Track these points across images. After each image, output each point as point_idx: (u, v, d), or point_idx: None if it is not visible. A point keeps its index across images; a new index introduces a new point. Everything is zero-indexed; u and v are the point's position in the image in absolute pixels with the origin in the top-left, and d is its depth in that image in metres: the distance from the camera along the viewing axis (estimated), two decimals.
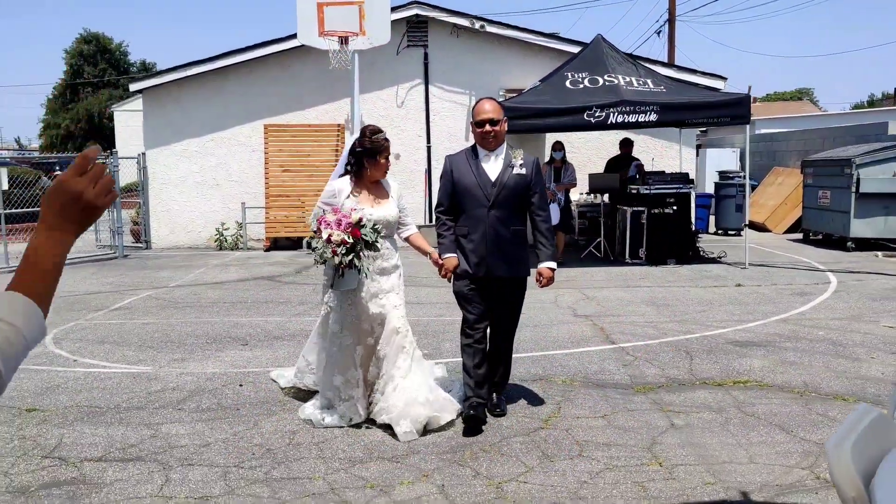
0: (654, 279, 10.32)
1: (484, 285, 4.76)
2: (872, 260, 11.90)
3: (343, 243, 4.36)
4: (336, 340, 4.73)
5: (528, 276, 4.86)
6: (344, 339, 4.71)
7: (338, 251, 4.37)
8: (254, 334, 7.30)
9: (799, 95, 59.24)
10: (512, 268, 4.74)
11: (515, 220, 4.76)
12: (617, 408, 5.05)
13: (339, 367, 4.73)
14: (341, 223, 4.39)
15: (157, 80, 14.49)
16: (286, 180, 14.31)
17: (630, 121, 10.63)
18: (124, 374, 5.98)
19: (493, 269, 4.70)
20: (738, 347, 6.55)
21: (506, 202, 4.69)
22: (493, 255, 4.69)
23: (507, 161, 4.73)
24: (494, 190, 4.68)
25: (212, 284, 10.44)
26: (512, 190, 4.69)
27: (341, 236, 4.35)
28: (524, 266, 4.82)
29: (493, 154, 4.76)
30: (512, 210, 4.73)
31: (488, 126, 4.67)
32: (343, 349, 4.71)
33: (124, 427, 4.79)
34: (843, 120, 22.89)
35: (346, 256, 4.39)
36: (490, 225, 4.68)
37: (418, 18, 14.38)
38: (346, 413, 4.72)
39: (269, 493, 3.83)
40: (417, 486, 3.89)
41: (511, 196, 4.70)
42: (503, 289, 4.78)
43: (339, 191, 4.76)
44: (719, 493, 3.77)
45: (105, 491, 3.87)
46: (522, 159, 4.73)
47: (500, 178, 4.70)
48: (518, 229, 4.76)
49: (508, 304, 4.85)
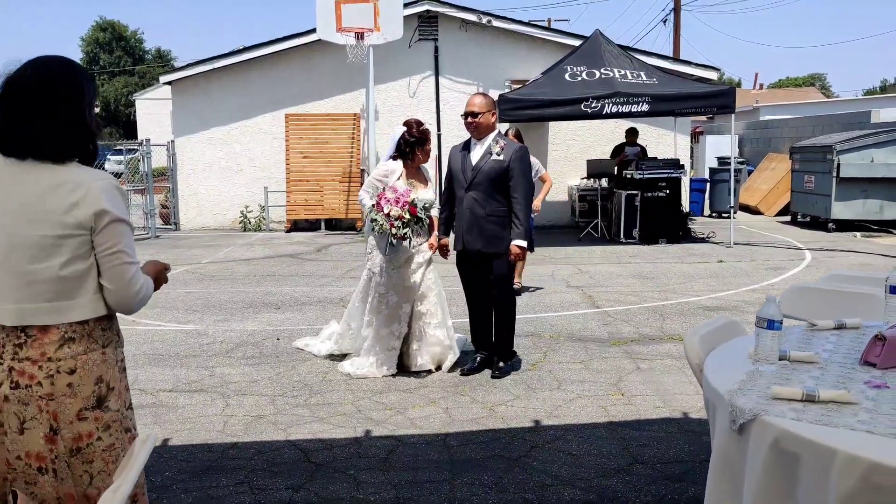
0: (644, 256, 11.30)
1: (468, 259, 5.56)
2: (850, 240, 12.82)
3: (400, 218, 5.23)
4: (384, 300, 5.51)
5: (506, 252, 5.37)
6: (390, 298, 5.52)
7: (395, 224, 5.22)
8: (284, 301, 8.33)
9: (811, 82, 59.69)
10: (487, 243, 5.35)
11: (492, 202, 5.33)
12: (593, 356, 6.05)
13: (385, 322, 5.54)
14: (399, 201, 5.19)
15: (186, 73, 15.51)
16: (306, 166, 15.31)
17: (623, 111, 11.57)
18: (177, 330, 7.02)
19: (469, 245, 5.42)
20: (706, 311, 7.53)
21: (481, 185, 5.33)
22: (469, 233, 5.40)
23: (488, 149, 5.40)
24: (471, 174, 5.37)
25: (241, 261, 11.48)
26: (487, 174, 5.32)
27: (399, 212, 5.20)
28: (501, 242, 5.34)
29: (480, 143, 5.45)
30: (487, 192, 5.32)
31: (470, 118, 5.45)
32: (390, 307, 5.54)
33: (185, 369, 5.84)
34: (846, 107, 23.60)
35: (402, 229, 5.25)
36: (467, 205, 5.37)
37: (429, 14, 15.31)
38: (385, 361, 5.55)
39: (309, 413, 4.86)
40: (427, 409, 4.91)
41: (486, 180, 5.32)
42: (483, 262, 5.44)
43: (393, 171, 5.50)
44: (665, 413, 4.77)
45: (180, 411, 4.91)
46: (502, 147, 5.36)
47: (478, 163, 5.37)
48: (495, 209, 5.33)
49: (493, 275, 5.45)
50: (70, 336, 2.13)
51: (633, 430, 4.48)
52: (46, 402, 2.10)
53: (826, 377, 2.40)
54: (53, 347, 2.11)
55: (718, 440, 2.21)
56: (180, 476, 3.92)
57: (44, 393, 2.10)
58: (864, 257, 10.88)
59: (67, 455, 2.13)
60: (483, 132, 5.45)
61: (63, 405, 2.12)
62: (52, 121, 2.14)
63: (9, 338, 2.12)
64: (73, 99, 2.18)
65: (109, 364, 2.22)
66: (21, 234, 2.10)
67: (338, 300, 8.31)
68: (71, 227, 2.11)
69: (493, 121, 5.51)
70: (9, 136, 2.15)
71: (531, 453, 4.17)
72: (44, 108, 2.14)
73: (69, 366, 2.12)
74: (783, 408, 2.10)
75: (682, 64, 15.66)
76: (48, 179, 2.12)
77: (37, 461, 2.13)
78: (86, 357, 2.15)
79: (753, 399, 2.17)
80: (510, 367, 5.66)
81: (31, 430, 2.11)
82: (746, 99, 31.74)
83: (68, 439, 2.13)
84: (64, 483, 2.15)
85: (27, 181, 2.12)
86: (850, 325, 3.00)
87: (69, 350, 2.13)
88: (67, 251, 2.12)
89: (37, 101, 2.14)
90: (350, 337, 5.93)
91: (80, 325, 2.15)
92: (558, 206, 15.58)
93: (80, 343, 2.14)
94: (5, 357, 2.11)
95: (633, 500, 3.59)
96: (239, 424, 4.65)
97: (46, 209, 2.10)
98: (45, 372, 2.10)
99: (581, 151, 15.51)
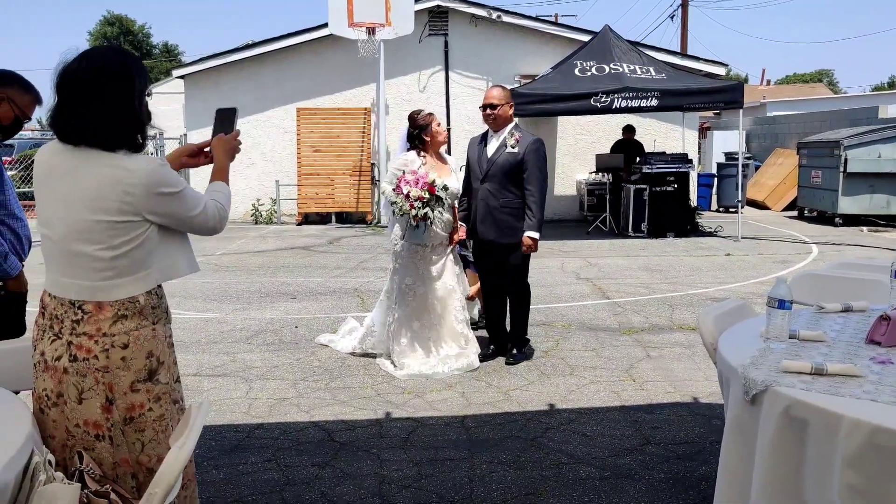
0: (653, 249, 11.43)
1: (483, 249, 5.71)
2: (856, 234, 12.94)
3: (420, 199, 5.29)
4: (410, 291, 5.51)
5: (520, 243, 5.47)
6: (417, 288, 5.51)
7: (415, 205, 5.28)
8: (299, 290, 8.50)
9: (818, 78, 59.63)
10: (501, 233, 5.47)
11: (507, 193, 5.44)
12: (605, 344, 6.20)
13: (415, 314, 5.54)
14: (419, 182, 5.28)
15: (199, 67, 15.67)
16: (317, 160, 15.47)
17: (633, 105, 11.68)
18: (198, 318, 7.19)
19: (483, 234, 5.55)
20: (715, 302, 7.66)
21: (495, 177, 5.44)
22: (483, 223, 5.51)
23: (503, 142, 5.50)
24: (486, 166, 5.48)
25: (254, 253, 11.65)
26: (501, 167, 5.42)
27: (418, 193, 5.27)
28: (515, 233, 5.44)
29: (497, 135, 5.54)
30: (501, 184, 5.43)
31: (488, 109, 5.56)
32: (417, 297, 5.53)
33: (208, 355, 6.00)
34: (853, 102, 23.67)
35: (422, 209, 5.30)
36: (481, 197, 5.49)
37: (439, 9, 15.43)
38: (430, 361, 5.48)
39: (330, 397, 5.02)
40: (444, 393, 5.06)
41: (500, 172, 5.43)
42: (497, 252, 5.55)
43: (411, 160, 5.50)
44: (675, 398, 4.92)
45: (205, 394, 5.07)
46: (517, 140, 5.45)
47: (493, 156, 5.48)
48: (509, 200, 5.45)
49: (507, 266, 5.57)
50: (123, 313, 2.29)
51: (644, 414, 4.63)
52: (102, 374, 2.26)
53: (833, 354, 2.54)
54: (108, 323, 2.27)
55: (732, 411, 2.35)
56: (210, 454, 4.08)
57: (100, 366, 2.26)
58: (871, 251, 10.99)
59: (122, 423, 2.29)
60: (501, 124, 5.55)
61: (118, 377, 2.28)
62: (104, 109, 2.27)
63: (66, 314, 2.28)
64: (122, 88, 2.31)
65: (159, 340, 2.38)
66: (78, 218, 2.25)
67: (352, 290, 8.47)
68: (126, 213, 2.26)
69: (511, 113, 5.60)
70: (64, 123, 2.30)
71: (546, 434, 4.32)
72: (95, 96, 2.27)
73: (122, 341, 2.28)
74: (793, 380, 2.24)
75: (690, 59, 15.77)
76: (103, 166, 2.25)
77: (94, 429, 2.29)
78: (138, 333, 2.31)
79: (765, 372, 2.31)
80: (523, 355, 5.79)
81: (88, 399, 2.27)
82: (754, 95, 31.79)
83: (122, 409, 2.29)
84: (119, 449, 2.31)
85: (84, 168, 2.26)
86: (856, 307, 3.14)
87: (122, 326, 2.28)
88: (122, 234, 2.27)
89: (89, 89, 2.27)
90: (373, 335, 5.87)
91: (131, 303, 2.30)
92: (567, 200, 15.72)
93: (132, 320, 2.30)
94: (64, 332, 2.28)
95: (647, 478, 3.74)
96: (263, 407, 4.82)
97: (102, 195, 2.24)
98: (101, 346, 2.26)
99: (590, 146, 15.63)
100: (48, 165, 2.33)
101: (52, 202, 2.31)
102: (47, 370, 2.30)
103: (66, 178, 2.28)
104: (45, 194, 2.33)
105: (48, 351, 2.29)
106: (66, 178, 2.28)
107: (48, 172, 2.33)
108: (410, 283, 5.54)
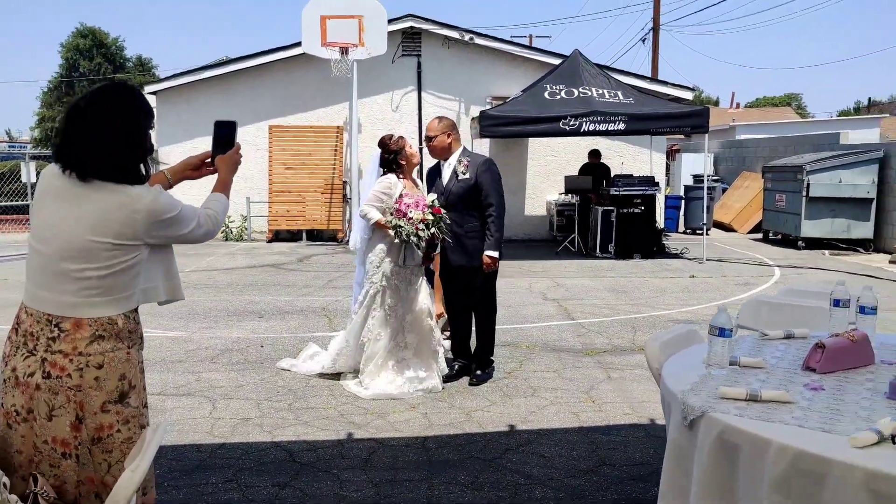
0: (619, 270, 11.60)
1: (452, 273, 5.79)
2: (818, 257, 13.22)
3: (423, 220, 5.31)
4: (392, 313, 5.52)
5: None
6: (398, 310, 5.53)
7: (420, 227, 5.30)
8: (267, 309, 8.52)
9: (787, 101, 60.79)
10: (470, 258, 5.58)
11: (469, 219, 5.58)
12: (567, 365, 6.30)
13: (392, 334, 5.54)
14: (419, 205, 5.32)
15: (171, 83, 15.68)
16: (288, 177, 15.50)
17: (601, 129, 11.89)
18: (163, 337, 7.19)
19: (454, 262, 5.67)
20: (676, 324, 7.81)
21: (455, 205, 5.55)
22: (453, 251, 5.63)
23: (454, 170, 5.63)
24: (445, 196, 5.58)
25: (223, 270, 11.65)
26: (458, 195, 5.56)
27: (421, 214, 5.29)
28: (481, 255, 5.58)
29: (447, 164, 5.68)
30: (461, 211, 5.56)
31: (426, 142, 5.77)
32: (397, 318, 5.55)
33: (173, 374, 6.01)
34: (818, 127, 24.18)
35: (429, 230, 5.34)
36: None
37: (412, 30, 15.61)
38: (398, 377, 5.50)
39: (293, 417, 5.06)
40: (407, 413, 5.12)
41: (458, 200, 5.56)
42: (466, 276, 5.66)
43: (394, 184, 5.51)
44: (633, 419, 5.02)
45: (168, 413, 5.09)
46: (466, 166, 5.57)
47: (448, 185, 5.63)
48: (473, 225, 5.58)
49: (476, 289, 5.69)
50: (100, 334, 2.35)
51: (602, 435, 4.73)
52: (74, 392, 2.31)
53: (771, 380, 2.65)
54: (84, 343, 2.33)
55: (672, 434, 2.45)
56: (171, 474, 4.11)
57: (73, 384, 2.31)
58: (831, 275, 11.24)
59: (90, 443, 2.35)
60: (441, 153, 5.69)
61: (89, 397, 2.33)
62: (106, 140, 2.35)
63: (42, 331, 2.33)
64: (125, 121, 2.40)
65: (133, 363, 2.44)
66: (78, 237, 2.32)
67: (320, 310, 8.51)
68: (126, 236, 2.34)
69: (449, 141, 5.67)
70: (67, 151, 2.37)
71: (505, 455, 4.40)
72: (98, 127, 2.36)
73: (97, 361, 2.34)
74: (728, 406, 2.35)
75: (658, 84, 16.10)
76: (108, 195, 2.34)
77: (62, 447, 2.34)
78: (113, 354, 2.37)
79: (703, 398, 2.42)
80: (487, 375, 5.88)
81: (58, 417, 2.32)
82: (723, 117, 32.37)
83: (91, 429, 2.34)
84: (85, 468, 2.36)
85: (90, 195, 2.34)
86: (798, 335, 3.27)
87: (98, 346, 2.34)
88: (118, 256, 2.35)
89: (92, 121, 2.36)
90: (347, 354, 5.81)
91: (110, 324, 2.36)
92: (536, 221, 15.88)
93: (108, 341, 2.36)
94: (38, 349, 2.33)
95: (600, 499, 3.83)
96: (226, 426, 4.84)
97: (106, 218, 2.32)
98: (76, 365, 2.31)
99: (559, 167, 15.85)
100: (52, 185, 2.40)
101: (50, 219, 2.37)
102: (18, 386, 2.34)
103: (70, 200, 2.35)
104: (44, 211, 2.40)
105: (20, 367, 2.34)
106: (69, 200, 2.35)
107: (51, 191, 2.40)
108: (392, 305, 5.56)
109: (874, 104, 53.63)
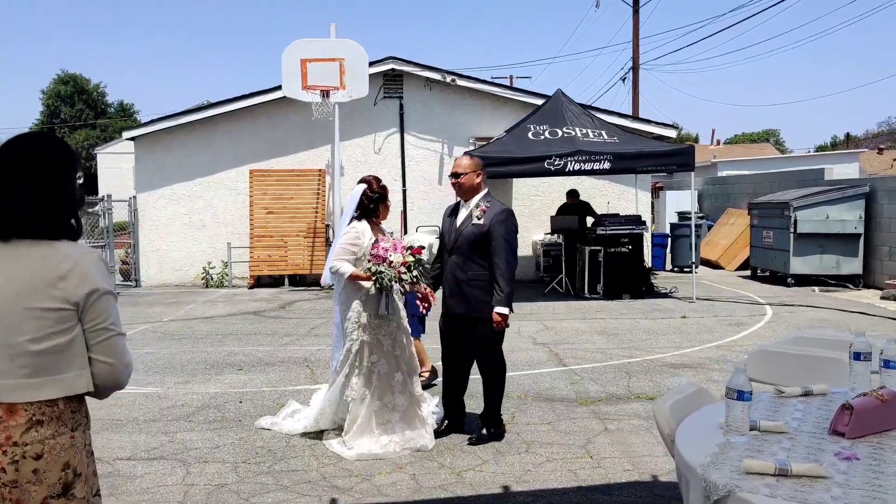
0: (609, 312, 11.36)
1: (451, 322, 5.45)
2: (809, 294, 13.05)
3: (404, 264, 5.06)
4: (375, 370, 5.24)
5: (488, 317, 5.18)
6: (381, 366, 5.27)
7: (401, 271, 5.04)
8: (247, 361, 8.18)
9: (766, 137, 61.48)
10: (470, 307, 5.24)
11: (474, 266, 5.23)
12: (561, 416, 6.01)
13: (377, 393, 5.25)
14: (397, 248, 5.09)
15: (150, 129, 15.43)
16: (270, 221, 15.23)
17: (586, 168, 11.75)
18: (137, 393, 6.83)
19: (452, 308, 5.35)
20: (671, 369, 7.56)
21: (461, 249, 5.26)
22: (452, 296, 5.33)
23: (470, 213, 5.33)
24: (453, 237, 5.33)
25: (203, 319, 11.29)
26: (466, 239, 5.24)
27: (401, 258, 5.05)
28: (485, 307, 5.17)
29: (466, 205, 5.37)
30: (467, 256, 5.24)
31: (453, 178, 5.47)
32: (381, 377, 5.26)
33: (145, 435, 5.67)
34: (800, 163, 24.30)
35: (411, 272, 5.07)
36: (450, 269, 5.32)
37: (394, 72, 15.51)
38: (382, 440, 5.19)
39: (272, 481, 4.73)
40: (393, 475, 4.81)
41: (466, 244, 5.24)
42: (466, 326, 5.29)
43: (363, 231, 5.31)
44: (635, 477, 4.73)
45: (138, 481, 4.73)
46: (483, 211, 5.26)
47: (460, 227, 5.31)
48: (477, 273, 5.23)
49: (477, 341, 5.31)
50: (38, 419, 2.06)
51: (602, 496, 4.43)
52: (10, 489, 2.02)
53: (797, 448, 2.40)
54: (20, 431, 2.03)
55: None
56: None
57: (7, 480, 2.02)
58: (824, 312, 11.06)
59: None
60: (467, 193, 5.39)
61: (27, 493, 2.03)
62: (33, 195, 2.12)
63: None
64: (52, 174, 2.16)
65: (77, 449, 2.15)
66: (5, 305, 2.05)
67: (301, 360, 8.19)
68: (58, 300, 2.07)
69: (478, 181, 5.39)
70: None
71: None
72: (24, 183, 2.12)
73: (35, 451, 2.04)
74: (756, 483, 2.09)
75: (641, 122, 16.04)
76: (35, 253, 2.09)
77: None
78: (54, 442, 2.08)
79: (727, 473, 2.15)
80: (493, 436, 5.45)
81: None
82: (704, 154, 32.51)
83: None
84: None
85: (14, 255, 2.09)
86: (816, 391, 3.02)
87: (37, 434, 2.05)
88: (49, 324, 2.07)
89: (17, 176, 2.12)
90: (329, 411, 5.52)
91: (49, 407, 2.07)
92: (523, 261, 15.61)
93: (48, 426, 2.07)
94: None
95: None
96: (200, 494, 4.51)
97: (34, 282, 2.05)
98: (10, 457, 2.02)
99: (544, 207, 15.68)
100: None
101: None
102: None
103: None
104: None
105: None
106: None
107: None
108: (375, 361, 5.28)
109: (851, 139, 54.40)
